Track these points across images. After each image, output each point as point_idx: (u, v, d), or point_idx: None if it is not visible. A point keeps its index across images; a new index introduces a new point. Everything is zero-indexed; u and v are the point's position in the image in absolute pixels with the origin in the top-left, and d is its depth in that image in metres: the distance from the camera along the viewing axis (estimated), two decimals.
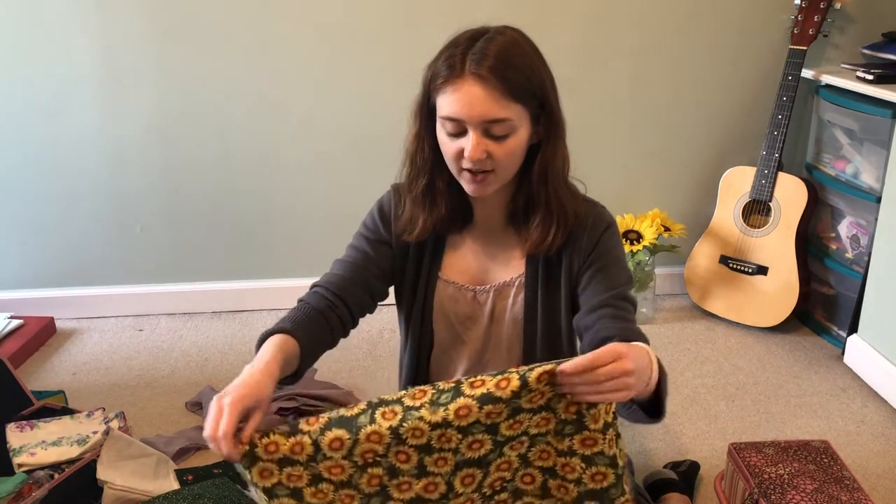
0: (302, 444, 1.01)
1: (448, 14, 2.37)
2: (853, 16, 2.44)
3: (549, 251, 1.31)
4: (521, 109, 1.19)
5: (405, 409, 1.01)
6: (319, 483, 1.02)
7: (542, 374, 0.98)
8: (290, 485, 1.02)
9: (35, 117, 2.43)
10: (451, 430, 1.00)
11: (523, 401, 1.00)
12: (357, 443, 1.00)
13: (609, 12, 2.44)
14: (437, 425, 1.00)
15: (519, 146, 1.23)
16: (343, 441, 1.00)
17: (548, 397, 1.01)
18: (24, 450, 1.76)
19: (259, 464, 1.01)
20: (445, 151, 1.24)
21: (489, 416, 1.00)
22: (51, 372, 2.32)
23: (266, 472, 1.01)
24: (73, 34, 2.35)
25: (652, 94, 2.55)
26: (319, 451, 1.01)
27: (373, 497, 1.04)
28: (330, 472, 1.02)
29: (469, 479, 1.06)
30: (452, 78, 1.17)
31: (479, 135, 1.18)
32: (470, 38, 1.20)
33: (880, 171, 2.17)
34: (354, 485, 1.03)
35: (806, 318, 2.54)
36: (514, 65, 1.17)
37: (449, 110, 1.19)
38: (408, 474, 1.03)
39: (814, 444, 1.67)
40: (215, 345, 2.47)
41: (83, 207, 2.55)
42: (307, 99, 2.47)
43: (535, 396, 1.00)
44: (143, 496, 1.67)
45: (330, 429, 1.01)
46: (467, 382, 1.00)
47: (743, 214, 2.48)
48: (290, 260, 2.67)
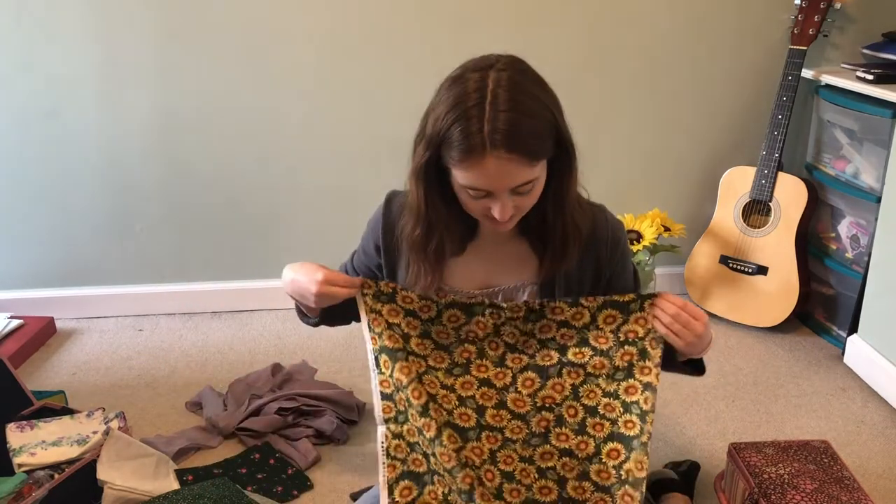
0: (429, 306, 1.26)
1: (450, 17, 2.36)
2: (853, 16, 2.44)
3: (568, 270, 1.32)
4: (542, 164, 1.17)
5: (507, 316, 1.26)
6: (426, 338, 1.27)
7: (609, 316, 1.25)
8: (405, 329, 1.27)
9: (35, 117, 2.43)
10: (533, 340, 1.27)
11: (590, 336, 1.25)
12: (468, 323, 1.27)
13: (609, 12, 2.44)
14: (526, 333, 1.27)
15: (542, 187, 1.21)
16: (459, 318, 1.27)
17: (610, 343, 1.24)
18: (24, 450, 1.76)
19: (392, 304, 1.26)
20: (469, 207, 1.21)
21: (563, 337, 1.26)
22: (51, 372, 2.32)
23: (394, 312, 1.26)
24: (74, 35, 2.35)
25: (652, 95, 2.55)
26: (439, 317, 1.26)
27: (457, 366, 1.28)
28: (438, 334, 1.28)
29: (529, 382, 1.27)
30: (473, 158, 1.11)
31: (507, 196, 1.16)
32: (477, 102, 1.11)
33: (880, 171, 2.17)
34: (450, 351, 1.28)
35: (806, 318, 2.54)
36: (530, 128, 1.12)
37: (473, 184, 1.15)
38: (490, 360, 1.28)
39: (814, 444, 1.67)
40: (215, 345, 2.47)
41: (83, 207, 2.55)
42: (307, 99, 2.47)
43: (600, 336, 1.25)
44: (143, 496, 1.67)
45: (451, 308, 1.26)
46: (549, 306, 1.25)
47: (743, 214, 2.48)
48: (290, 260, 2.62)
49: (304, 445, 1.91)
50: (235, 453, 1.91)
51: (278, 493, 1.78)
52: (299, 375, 2.20)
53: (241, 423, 1.98)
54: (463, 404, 1.26)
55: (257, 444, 1.93)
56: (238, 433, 1.97)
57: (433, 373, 1.26)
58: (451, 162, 1.15)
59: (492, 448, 1.26)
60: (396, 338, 1.25)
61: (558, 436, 1.26)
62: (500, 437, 1.26)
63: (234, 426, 1.98)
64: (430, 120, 1.17)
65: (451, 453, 1.21)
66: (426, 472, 1.25)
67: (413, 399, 1.23)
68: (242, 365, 2.33)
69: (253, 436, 1.96)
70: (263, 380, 2.17)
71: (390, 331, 1.25)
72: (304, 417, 2.01)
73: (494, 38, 2.23)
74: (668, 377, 1.31)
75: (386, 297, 1.26)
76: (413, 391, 1.23)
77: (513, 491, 1.25)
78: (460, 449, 1.23)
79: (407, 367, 1.24)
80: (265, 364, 2.27)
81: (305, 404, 2.02)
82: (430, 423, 1.22)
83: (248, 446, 1.93)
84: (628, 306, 1.24)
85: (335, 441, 1.96)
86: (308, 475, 1.84)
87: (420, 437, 1.24)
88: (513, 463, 1.26)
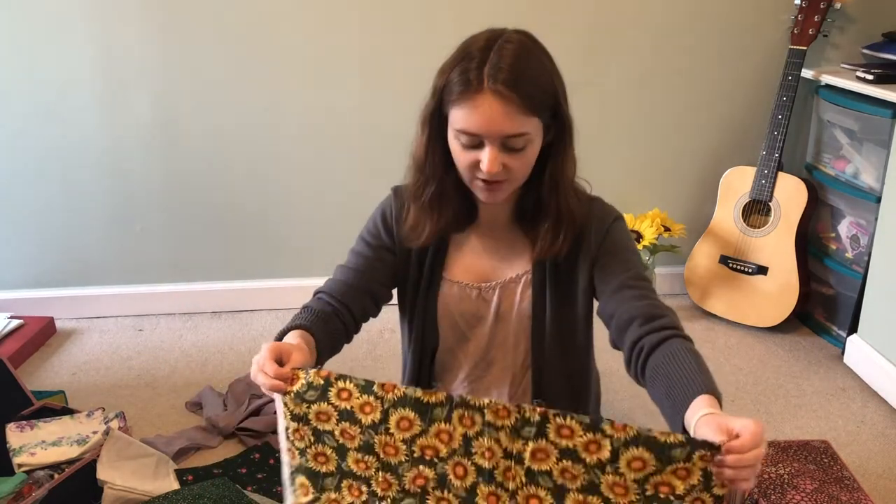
0: (372, 406, 0.95)
1: (453, 14, 2.36)
2: (853, 16, 2.44)
3: (557, 256, 1.31)
4: (537, 122, 1.18)
5: (485, 423, 0.92)
6: (368, 454, 0.97)
7: (637, 459, 0.85)
8: (340, 440, 0.97)
9: (35, 118, 2.43)
10: (518, 468, 0.92)
11: (604, 482, 0.88)
12: (425, 433, 0.94)
13: (610, 12, 2.44)
14: (510, 455, 0.91)
15: (534, 156, 1.22)
16: (412, 424, 0.94)
17: (630, 498, 0.88)
18: (24, 450, 1.76)
19: (323, 404, 0.96)
20: (459, 161, 1.23)
21: (563, 474, 0.90)
22: (51, 372, 2.32)
23: (324, 416, 0.97)
24: (74, 35, 2.35)
25: (652, 95, 2.55)
26: (385, 422, 0.95)
27: (408, 496, 0.97)
28: (384, 449, 0.96)
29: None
30: (469, 93, 1.14)
31: (496, 148, 1.17)
32: (483, 47, 1.16)
33: (880, 171, 2.17)
34: (399, 474, 0.97)
35: (806, 318, 2.54)
36: (530, 77, 1.16)
37: (465, 125, 1.17)
38: (454, 492, 0.94)
39: (814, 444, 1.67)
40: (215, 345, 2.47)
41: (83, 207, 2.55)
42: (307, 99, 2.47)
43: (617, 485, 0.88)
44: (143, 496, 1.67)
45: (404, 406, 0.94)
46: (554, 422, 0.89)
47: (743, 214, 2.48)
48: (290, 260, 2.67)
49: None
50: (235, 453, 1.91)
51: (278, 493, 1.77)
52: None
53: (241, 423, 1.98)
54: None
55: (257, 444, 1.93)
56: (238, 433, 1.97)
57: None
58: (450, 102, 1.18)
59: None
60: (326, 457, 0.99)
61: None
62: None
63: (234, 426, 1.98)
64: (438, 73, 1.21)
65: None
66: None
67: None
68: (242, 365, 2.33)
69: (253, 436, 1.96)
70: None
71: (318, 445, 0.98)
72: None
73: None
74: None
75: (315, 392, 0.97)
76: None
77: None
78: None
79: (337, 500, 0.98)
80: None
81: None
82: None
83: (248, 446, 1.93)
84: (670, 452, 0.86)
85: None
86: None
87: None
88: None
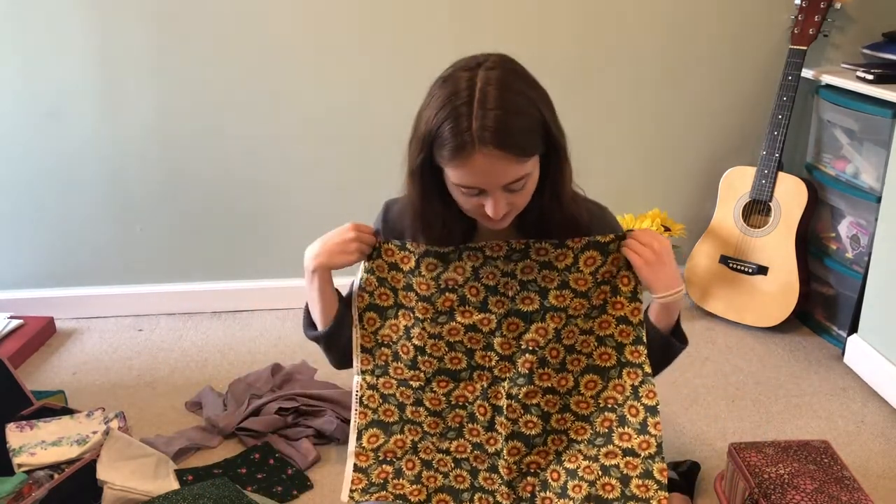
0: (408, 258, 1.31)
1: (448, 16, 2.36)
2: (853, 16, 2.44)
3: None
4: (533, 160, 1.17)
5: (486, 257, 1.29)
6: (409, 290, 1.32)
7: (590, 258, 1.27)
8: (392, 283, 1.33)
9: (35, 118, 2.43)
10: (514, 281, 1.29)
11: (571, 278, 1.28)
12: (446, 270, 1.30)
13: (609, 12, 2.44)
14: (507, 274, 1.29)
15: (535, 183, 1.21)
16: (436, 266, 1.30)
17: (588, 285, 1.28)
18: (24, 450, 1.76)
19: (378, 260, 1.33)
20: (462, 203, 1.21)
21: (545, 280, 1.29)
22: (51, 372, 2.32)
23: (380, 268, 1.33)
24: (74, 36, 2.35)
25: (652, 94, 2.55)
26: (418, 267, 1.30)
27: (441, 314, 1.31)
28: (419, 286, 1.31)
29: (514, 326, 1.31)
30: (462, 157, 1.11)
31: (500, 193, 1.16)
32: (466, 100, 1.11)
33: (880, 171, 2.17)
34: (433, 301, 1.31)
35: (806, 318, 2.53)
36: (518, 127, 1.12)
37: (463, 181, 1.15)
38: (472, 305, 1.31)
39: (814, 444, 1.67)
40: (215, 345, 2.47)
41: (83, 207, 2.55)
42: (307, 99, 2.47)
43: (580, 279, 1.28)
44: (143, 496, 1.67)
45: (429, 256, 1.30)
46: (533, 247, 1.28)
47: (743, 214, 2.48)
48: (290, 260, 2.64)
49: (304, 445, 1.91)
50: (235, 453, 1.91)
51: (278, 493, 1.78)
52: (299, 375, 2.20)
53: (241, 423, 1.98)
54: (452, 349, 1.32)
55: (257, 444, 1.93)
56: (238, 433, 1.97)
57: (420, 325, 1.32)
58: (442, 161, 1.15)
59: (483, 386, 1.33)
60: (388, 295, 1.34)
61: (541, 376, 1.30)
62: (489, 376, 1.33)
63: (233, 426, 1.98)
64: (421, 120, 1.17)
65: (441, 397, 1.34)
66: (396, 422, 1.35)
67: (402, 354, 1.33)
68: (242, 365, 2.33)
69: (253, 436, 1.96)
70: (263, 380, 2.17)
71: (382, 288, 1.34)
72: (304, 417, 2.01)
73: (495, 39, 2.24)
74: (668, 377, 1.31)
75: (376, 253, 1.33)
76: (402, 347, 1.33)
77: (502, 424, 1.32)
78: (452, 391, 1.34)
79: (395, 324, 1.34)
80: (265, 364, 2.27)
81: (305, 404, 2.02)
82: (419, 374, 1.33)
83: (248, 446, 1.94)
84: (607, 247, 1.28)
85: (335, 441, 1.96)
86: (308, 475, 1.84)
87: (398, 390, 1.34)
88: (501, 399, 1.32)
